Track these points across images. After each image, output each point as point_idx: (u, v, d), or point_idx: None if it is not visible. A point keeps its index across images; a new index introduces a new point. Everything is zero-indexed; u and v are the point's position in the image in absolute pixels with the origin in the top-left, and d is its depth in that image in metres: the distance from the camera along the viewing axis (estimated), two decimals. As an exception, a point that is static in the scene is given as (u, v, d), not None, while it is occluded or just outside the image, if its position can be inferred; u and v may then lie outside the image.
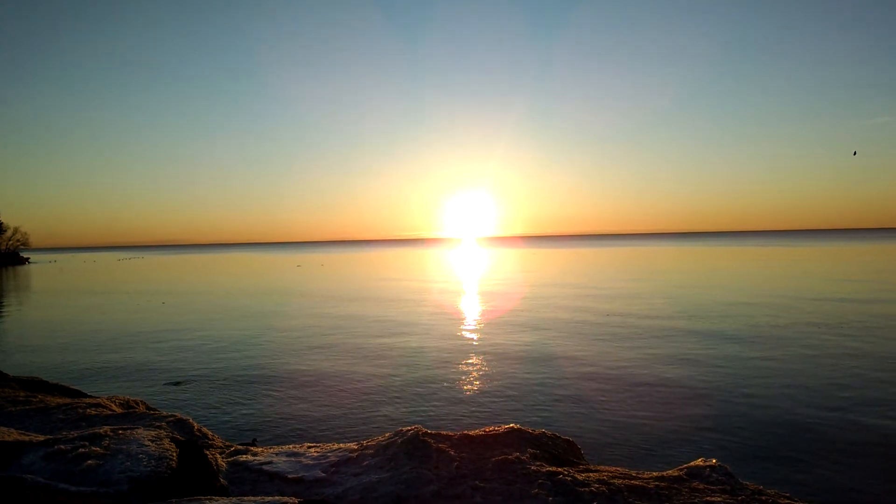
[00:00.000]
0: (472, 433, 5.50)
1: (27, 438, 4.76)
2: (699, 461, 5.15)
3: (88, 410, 6.46)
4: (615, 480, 4.74)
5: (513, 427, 5.55)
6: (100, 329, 23.04)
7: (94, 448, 4.31)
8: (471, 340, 18.38)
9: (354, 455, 5.33)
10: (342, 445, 5.70)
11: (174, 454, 4.35)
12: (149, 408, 7.24)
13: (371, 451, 5.33)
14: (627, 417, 10.26)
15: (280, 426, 10.20)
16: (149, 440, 4.50)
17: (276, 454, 5.53)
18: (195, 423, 6.19)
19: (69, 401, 7.06)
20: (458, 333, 19.74)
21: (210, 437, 6.09)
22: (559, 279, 44.28)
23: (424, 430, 5.41)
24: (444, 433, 5.50)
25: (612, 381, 12.75)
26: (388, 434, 5.59)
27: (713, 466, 5.00)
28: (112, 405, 6.89)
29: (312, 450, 5.61)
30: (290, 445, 5.94)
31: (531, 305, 27.07)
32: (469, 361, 15.17)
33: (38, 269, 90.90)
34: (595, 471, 5.06)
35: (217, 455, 5.35)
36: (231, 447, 5.91)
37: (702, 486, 4.71)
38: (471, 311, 25.83)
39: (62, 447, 4.33)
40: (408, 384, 12.94)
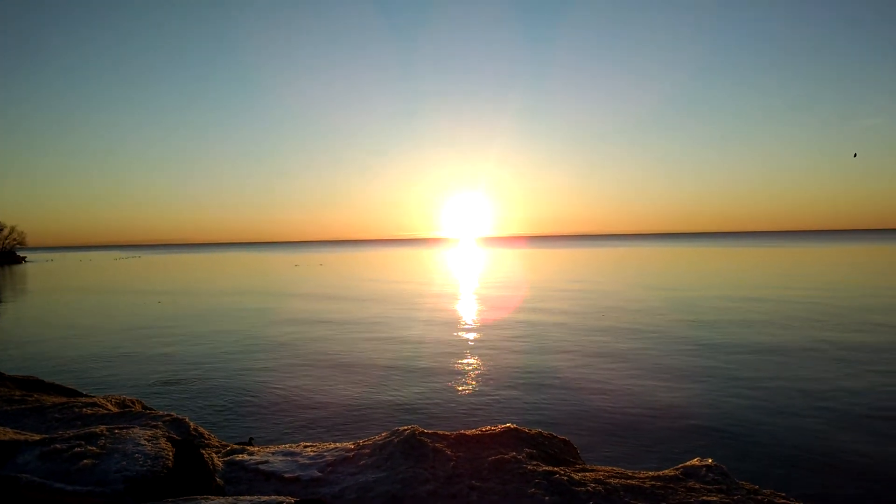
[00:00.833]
0: (469, 433, 5.51)
1: (23, 437, 4.75)
2: (695, 461, 5.16)
3: (84, 410, 6.45)
4: (611, 480, 4.75)
5: (509, 427, 5.56)
6: (96, 328, 22.99)
7: (90, 447, 4.30)
8: (467, 340, 18.38)
9: (351, 454, 5.33)
10: (339, 445, 5.70)
11: (170, 454, 4.35)
12: (145, 407, 7.23)
13: (367, 451, 5.33)
14: (624, 417, 10.28)
15: (276, 425, 10.20)
16: (145, 439, 4.49)
17: (273, 453, 5.53)
18: (191, 423, 6.19)
19: (65, 400, 7.04)
20: (455, 333, 19.74)
21: (206, 437, 6.09)
22: (555, 279, 44.32)
23: (421, 430, 5.42)
24: (441, 433, 5.51)
25: (609, 381, 12.77)
26: (385, 433, 5.59)
27: (709, 466, 5.01)
28: (108, 404, 6.88)
29: (309, 449, 5.61)
30: (287, 445, 5.93)
31: (527, 305, 27.09)
32: (466, 361, 15.17)
33: (35, 268, 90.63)
34: (591, 470, 5.07)
35: (213, 454, 5.35)
36: (227, 447, 5.90)
37: (698, 486, 4.72)
38: (467, 312, 25.84)
39: (58, 446, 4.32)
40: (404, 383, 12.94)
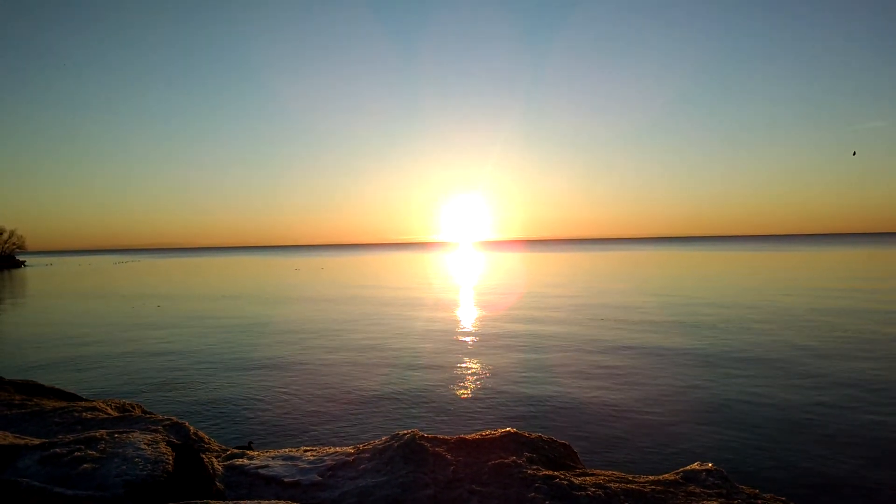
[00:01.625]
0: (469, 437, 5.50)
1: (23, 442, 4.74)
2: (695, 465, 5.15)
3: (84, 414, 6.44)
4: (611, 484, 4.75)
5: (509, 431, 5.55)
6: (95, 332, 22.97)
7: (90, 452, 4.30)
8: (467, 345, 18.38)
9: (351, 459, 5.33)
10: (339, 449, 5.69)
11: (170, 458, 4.35)
12: (144, 411, 7.22)
13: (367, 455, 5.33)
14: (624, 421, 10.28)
15: (276, 430, 10.19)
16: (145, 444, 4.49)
17: (273, 458, 5.52)
18: (191, 427, 6.18)
19: (65, 404, 7.04)
20: (455, 338, 19.73)
21: (206, 441, 6.08)
22: (554, 283, 44.31)
23: (421, 434, 5.41)
24: (441, 437, 5.50)
25: (608, 385, 12.77)
26: (385, 438, 5.58)
27: (709, 470, 5.01)
28: (108, 409, 6.87)
29: (309, 453, 5.60)
30: (287, 449, 5.93)
31: (526, 310, 27.08)
32: (465, 366, 15.17)
33: (34, 273, 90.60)
34: (591, 475, 5.07)
35: (213, 459, 5.34)
36: (227, 451, 5.89)
37: (698, 490, 4.72)
38: (466, 316, 25.83)
39: (58, 451, 4.32)
40: (404, 388, 12.94)
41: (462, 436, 5.57)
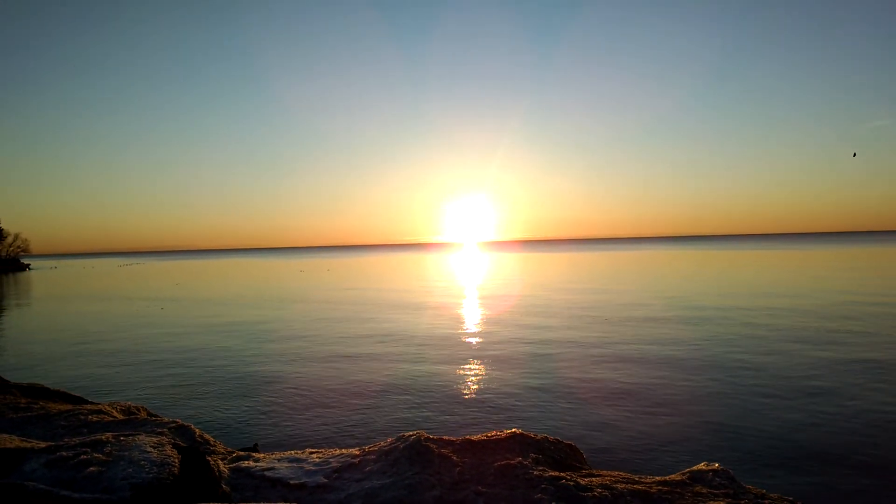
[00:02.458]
0: (475, 438, 5.49)
1: (29, 445, 4.75)
2: (702, 465, 5.13)
3: (90, 417, 6.45)
4: (618, 485, 4.73)
5: (515, 432, 5.54)
6: (100, 335, 23.04)
7: (96, 455, 4.31)
8: (472, 346, 18.36)
9: (357, 461, 5.32)
10: (344, 451, 5.69)
11: (176, 460, 4.35)
12: (150, 414, 7.23)
13: (373, 457, 5.32)
14: (630, 421, 10.25)
15: (282, 432, 10.20)
16: (151, 446, 4.49)
17: (279, 460, 5.52)
18: (197, 429, 6.18)
19: (70, 407, 7.05)
20: (460, 339, 19.72)
21: (212, 443, 6.08)
22: (559, 283, 44.27)
23: (427, 436, 5.40)
24: (447, 438, 5.49)
25: (614, 386, 12.74)
26: (391, 439, 5.58)
27: (716, 470, 4.99)
28: (113, 411, 6.89)
29: (314, 455, 5.60)
30: (292, 451, 5.93)
31: (531, 310, 27.05)
32: (471, 366, 15.15)
33: (39, 276, 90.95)
34: (598, 475, 5.05)
35: (219, 461, 5.35)
36: (233, 453, 5.90)
37: (705, 491, 4.70)
38: (473, 317, 25.82)
39: (64, 454, 4.33)
40: (410, 389, 12.93)
41: (467, 437, 5.55)
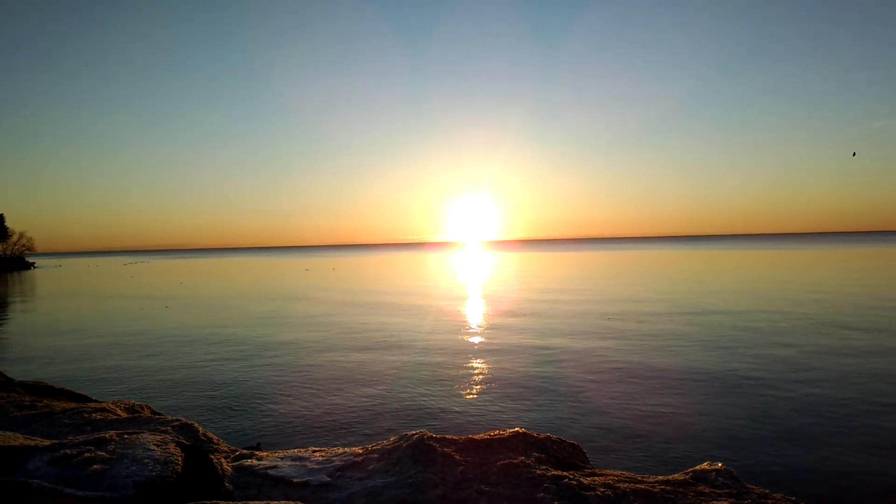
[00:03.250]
0: (477, 437, 5.49)
1: (33, 443, 4.77)
2: (705, 465, 5.12)
3: (94, 415, 6.47)
4: (621, 484, 4.73)
5: (518, 431, 5.54)
6: (104, 333, 23.10)
7: (100, 453, 4.32)
8: (476, 345, 18.36)
9: (360, 459, 5.33)
10: (347, 450, 5.69)
11: (179, 459, 4.36)
12: (153, 412, 7.24)
13: (376, 456, 5.32)
14: (633, 421, 10.23)
15: (285, 430, 10.21)
16: (154, 445, 4.50)
17: (282, 458, 5.53)
18: (200, 428, 6.19)
19: (74, 405, 7.07)
20: (464, 338, 19.72)
21: (215, 442, 6.09)
22: (561, 283, 44.23)
23: (429, 435, 5.40)
24: (449, 437, 5.49)
25: (617, 385, 12.72)
26: (394, 438, 5.58)
27: (719, 470, 4.98)
28: (117, 409, 6.90)
29: (317, 454, 5.61)
30: (295, 450, 5.93)
31: (534, 309, 27.03)
32: (473, 365, 15.15)
33: (44, 274, 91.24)
34: (600, 475, 5.05)
35: (222, 459, 5.36)
36: (236, 451, 5.91)
37: (708, 490, 4.68)
38: (476, 316, 25.82)
39: (68, 452, 4.34)
40: (412, 388, 12.93)
41: (470, 436, 5.55)
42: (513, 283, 45.67)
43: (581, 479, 4.76)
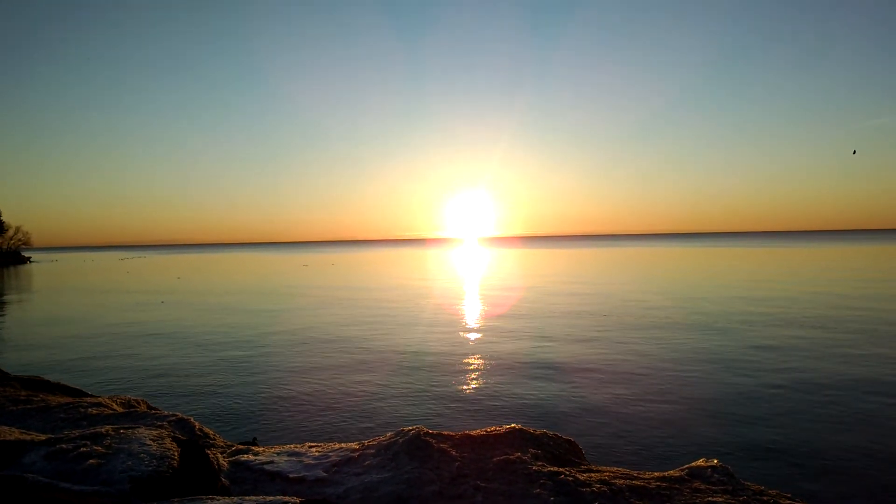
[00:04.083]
0: (474, 433, 5.50)
1: (28, 438, 4.76)
2: (700, 461, 5.14)
3: (90, 410, 6.46)
4: (616, 480, 4.74)
5: (514, 427, 5.54)
6: (100, 328, 23.07)
7: (96, 447, 4.31)
8: (472, 341, 18.38)
9: (356, 455, 5.33)
10: (343, 445, 5.70)
11: (176, 454, 4.35)
12: (150, 407, 7.24)
13: (372, 451, 5.33)
14: (628, 417, 10.26)
15: (281, 426, 10.22)
16: (150, 439, 4.50)
17: (278, 454, 5.53)
18: (196, 423, 6.19)
19: (70, 400, 7.06)
20: (460, 333, 19.74)
21: (211, 437, 6.09)
22: (558, 280, 44.27)
23: (426, 430, 5.41)
24: (446, 433, 5.50)
25: (613, 382, 12.75)
26: (390, 434, 5.58)
27: (714, 467, 4.99)
28: (113, 404, 6.89)
29: (314, 449, 5.61)
30: (292, 445, 5.93)
31: (531, 306, 27.07)
32: (470, 361, 15.17)
33: (40, 269, 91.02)
34: (596, 471, 5.06)
35: (218, 454, 5.36)
36: (232, 447, 5.90)
37: (703, 487, 4.70)
38: (473, 312, 25.84)
39: (64, 446, 4.33)
40: (409, 384, 12.95)
41: (467, 432, 5.56)
42: (510, 280, 45.70)
43: (577, 476, 4.77)
